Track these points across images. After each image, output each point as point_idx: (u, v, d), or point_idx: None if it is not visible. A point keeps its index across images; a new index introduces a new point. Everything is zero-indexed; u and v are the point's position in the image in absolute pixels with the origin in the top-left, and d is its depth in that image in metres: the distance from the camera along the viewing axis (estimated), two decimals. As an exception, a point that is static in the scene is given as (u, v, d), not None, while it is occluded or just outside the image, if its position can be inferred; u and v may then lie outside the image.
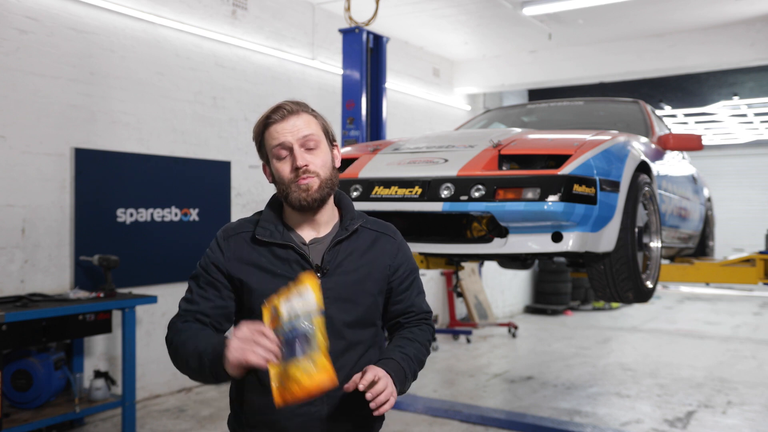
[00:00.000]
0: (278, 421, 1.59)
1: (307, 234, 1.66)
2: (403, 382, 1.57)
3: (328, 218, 1.67)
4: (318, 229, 1.66)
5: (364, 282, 1.64)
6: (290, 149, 1.59)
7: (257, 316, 1.54)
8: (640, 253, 3.34)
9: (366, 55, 5.44)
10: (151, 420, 4.70)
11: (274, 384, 1.39)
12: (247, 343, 1.39)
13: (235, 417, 1.68)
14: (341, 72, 5.51)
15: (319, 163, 1.60)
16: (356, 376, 1.47)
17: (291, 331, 1.40)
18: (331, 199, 1.68)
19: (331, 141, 1.68)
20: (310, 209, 1.61)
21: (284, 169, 1.60)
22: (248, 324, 1.42)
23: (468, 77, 9.27)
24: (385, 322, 1.76)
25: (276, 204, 1.70)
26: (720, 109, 11.70)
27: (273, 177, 1.64)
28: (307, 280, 1.45)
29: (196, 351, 1.50)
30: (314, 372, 1.39)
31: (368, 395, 1.44)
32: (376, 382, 1.45)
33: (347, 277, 1.62)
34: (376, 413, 1.46)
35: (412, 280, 1.75)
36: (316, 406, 1.58)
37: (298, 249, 1.60)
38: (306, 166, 1.58)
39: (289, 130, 1.59)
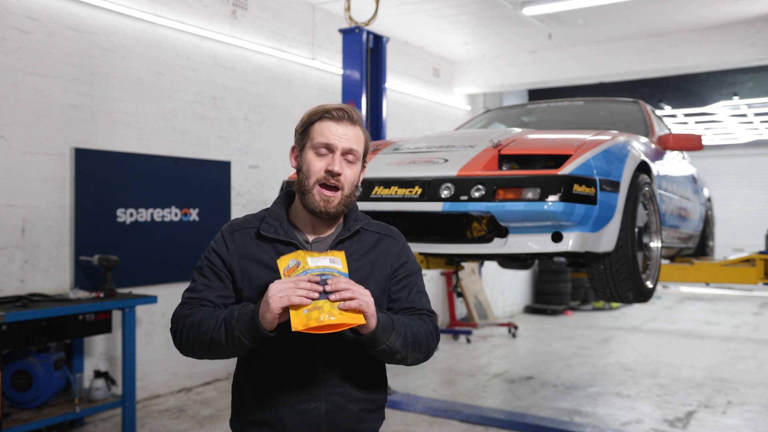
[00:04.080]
0: (279, 419, 1.60)
1: (310, 233, 1.69)
2: (389, 329, 1.52)
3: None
4: (322, 229, 1.69)
5: (365, 282, 1.62)
6: (333, 152, 1.61)
7: None
8: (640, 253, 3.35)
9: (366, 55, 5.43)
10: (151, 420, 4.70)
11: (294, 315, 1.39)
12: (288, 288, 1.41)
13: (237, 415, 1.69)
14: (341, 72, 5.50)
15: (350, 177, 1.63)
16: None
17: (322, 276, 1.43)
18: None
19: (363, 162, 1.70)
20: (321, 218, 1.64)
21: (317, 164, 1.61)
22: (277, 281, 1.45)
23: (468, 77, 9.27)
24: None
25: (284, 202, 1.72)
26: (720, 109, 11.70)
27: (299, 165, 1.65)
28: (339, 255, 1.51)
29: (217, 321, 1.52)
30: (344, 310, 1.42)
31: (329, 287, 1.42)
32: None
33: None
34: (333, 297, 1.41)
35: (410, 281, 1.75)
36: (314, 403, 1.60)
37: (300, 247, 1.63)
38: (340, 174, 1.60)
39: (342, 135, 1.61)
